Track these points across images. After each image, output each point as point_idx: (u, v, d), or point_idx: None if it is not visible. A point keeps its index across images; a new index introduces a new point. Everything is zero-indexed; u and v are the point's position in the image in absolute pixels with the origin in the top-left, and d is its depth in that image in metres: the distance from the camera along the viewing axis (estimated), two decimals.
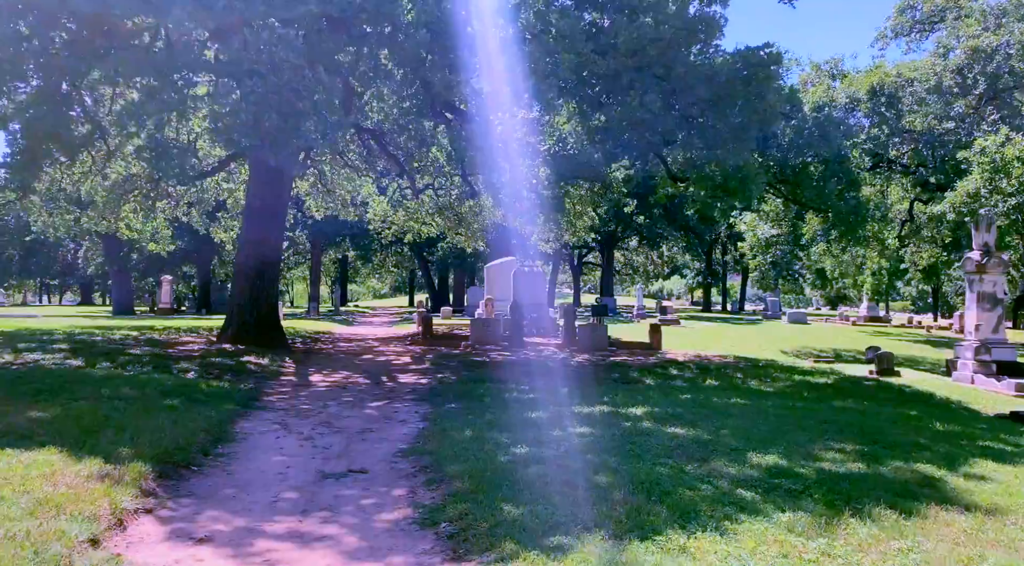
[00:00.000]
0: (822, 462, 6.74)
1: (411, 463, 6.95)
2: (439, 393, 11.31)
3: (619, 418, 8.51)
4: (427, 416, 9.39)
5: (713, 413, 9.04)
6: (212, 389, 10.45)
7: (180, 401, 9.17)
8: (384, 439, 8.14)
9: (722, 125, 11.51)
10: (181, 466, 6.47)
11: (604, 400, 10.09)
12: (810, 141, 14.98)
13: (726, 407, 9.69)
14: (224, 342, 16.54)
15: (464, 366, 14.96)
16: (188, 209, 27.29)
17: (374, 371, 14.36)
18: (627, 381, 13.11)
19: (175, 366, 12.62)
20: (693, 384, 12.89)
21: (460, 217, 27.03)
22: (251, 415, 9.30)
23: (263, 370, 13.37)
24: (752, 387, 12.94)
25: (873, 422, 9.24)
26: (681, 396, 10.82)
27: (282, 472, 6.67)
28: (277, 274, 17.84)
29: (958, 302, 75.99)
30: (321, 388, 12.03)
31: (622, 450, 6.82)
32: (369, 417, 9.48)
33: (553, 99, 10.31)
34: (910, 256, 27.26)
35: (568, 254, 56.93)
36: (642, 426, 7.95)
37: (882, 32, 22.45)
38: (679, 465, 6.36)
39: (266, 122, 9.04)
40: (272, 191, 17.35)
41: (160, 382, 10.45)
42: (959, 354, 16.90)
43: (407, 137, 23.14)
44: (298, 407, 10.07)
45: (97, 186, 24.15)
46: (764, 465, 6.48)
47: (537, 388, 11.53)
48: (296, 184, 26.92)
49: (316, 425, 8.85)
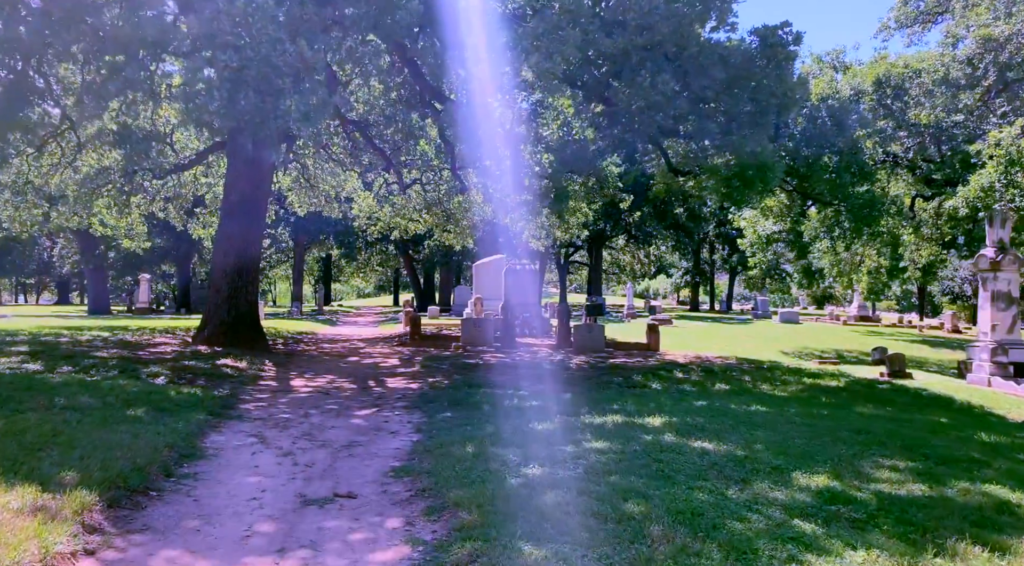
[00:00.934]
0: (877, 483, 5.90)
1: (406, 485, 6.05)
2: (432, 400, 10.41)
3: (636, 429, 7.64)
4: (420, 427, 8.49)
5: (737, 423, 8.19)
6: (182, 396, 9.48)
7: (145, 411, 8.22)
8: (374, 454, 7.23)
9: (738, 109, 10.67)
10: (137, 492, 5.53)
11: (614, 408, 9.23)
12: (823, 130, 14.14)
13: (748, 416, 8.85)
14: (200, 344, 15.54)
15: (456, 369, 14.06)
16: (165, 205, 26.17)
17: (360, 375, 13.43)
18: (632, 385, 12.26)
19: (144, 370, 11.62)
20: (703, 389, 12.06)
21: (449, 213, 26.08)
22: (225, 426, 8.36)
23: (240, 374, 12.40)
24: (765, 392, 12.13)
25: (909, 431, 8.43)
26: (695, 403, 9.97)
27: (257, 497, 5.75)
28: (257, 271, 16.84)
29: (944, 302, 76.03)
30: (303, 394, 11.08)
31: (649, 470, 5.96)
32: (356, 428, 8.56)
33: (556, 80, 9.42)
34: (910, 254, 26.60)
35: (554, 253, 56.04)
36: (664, 440, 7.09)
37: (884, 23, 21.70)
38: (718, 489, 5.50)
39: (242, 101, 8.11)
40: (251, 183, 16.35)
41: (124, 389, 9.47)
42: (973, 356, 16.18)
43: (394, 129, 22.21)
44: (277, 416, 9.13)
45: (68, 179, 23.04)
46: (814, 488, 5.63)
47: (538, 394, 10.66)
48: (278, 178, 25.87)
49: (297, 438, 7.92)
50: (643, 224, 51.78)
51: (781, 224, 21.35)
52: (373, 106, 21.83)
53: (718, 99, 10.73)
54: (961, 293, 69.53)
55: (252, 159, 16.37)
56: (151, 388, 9.92)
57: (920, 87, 18.89)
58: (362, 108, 22.29)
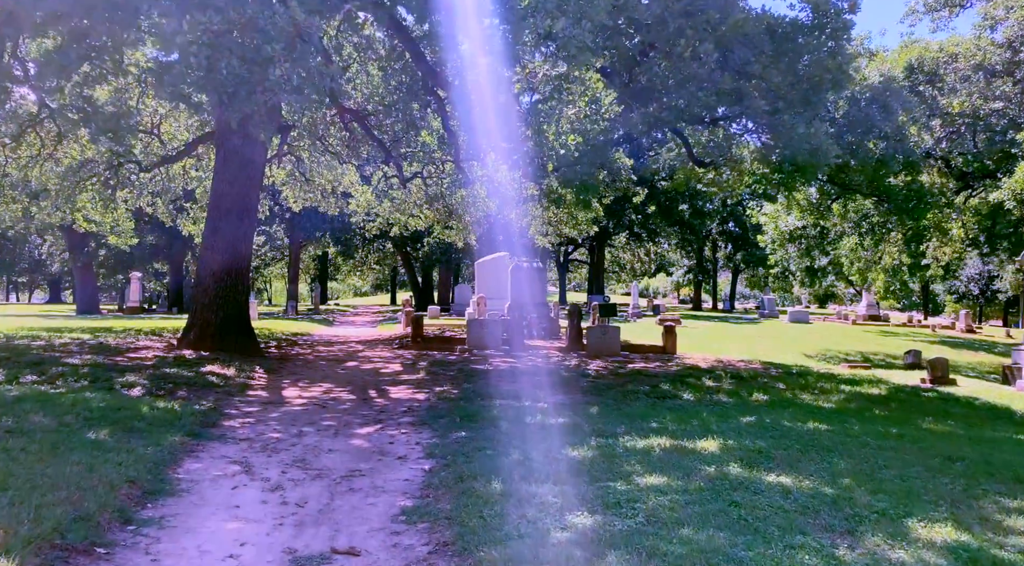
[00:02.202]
0: (1019, 535, 4.71)
1: (421, 536, 4.84)
2: (441, 414, 9.19)
3: (690, 458, 6.44)
4: (432, 450, 7.28)
5: (805, 447, 7.00)
6: (157, 412, 8.26)
7: (109, 432, 7.00)
8: (379, 488, 6.03)
9: (788, 84, 9.47)
10: (78, 551, 4.32)
11: (653, 426, 8.04)
12: (868, 114, 12.93)
13: (812, 437, 7.65)
14: (185, 348, 14.30)
15: (464, 376, 12.84)
16: (152, 200, 24.90)
17: (360, 383, 12.21)
18: (661, 396, 11.05)
19: (119, 380, 10.40)
20: (740, 400, 10.85)
21: (451, 209, 24.84)
22: (204, 449, 7.15)
23: (227, 383, 11.18)
24: (809, 403, 10.93)
25: (1004, 455, 7.24)
26: (741, 419, 8.78)
27: (235, 554, 4.54)
28: (248, 270, 15.60)
29: (948, 301, 74.97)
30: (296, 407, 9.87)
31: (728, 518, 4.75)
32: (357, 451, 7.35)
33: (585, 51, 8.20)
34: (933, 251, 25.41)
35: (553, 251, 54.76)
36: (731, 473, 5.89)
37: (912, 7, 20.53)
38: (824, 547, 4.30)
39: (223, 69, 6.91)
40: (242, 175, 15.10)
41: (89, 404, 8.24)
42: (1020, 361, 15.00)
43: (394, 119, 20.97)
44: (266, 436, 7.92)
45: (49, 172, 21.78)
46: (941, 544, 4.44)
47: (561, 407, 9.46)
48: (272, 172, 24.60)
49: (288, 465, 6.71)
50: (647, 221, 50.56)
51: (805, 220, 20.18)
52: (372, 94, 20.60)
53: (764, 74, 9.53)
54: (967, 292, 68.55)
55: (242, 150, 15.14)
56: (122, 402, 8.69)
57: (955, 73, 17.73)
58: (360, 96, 21.06)
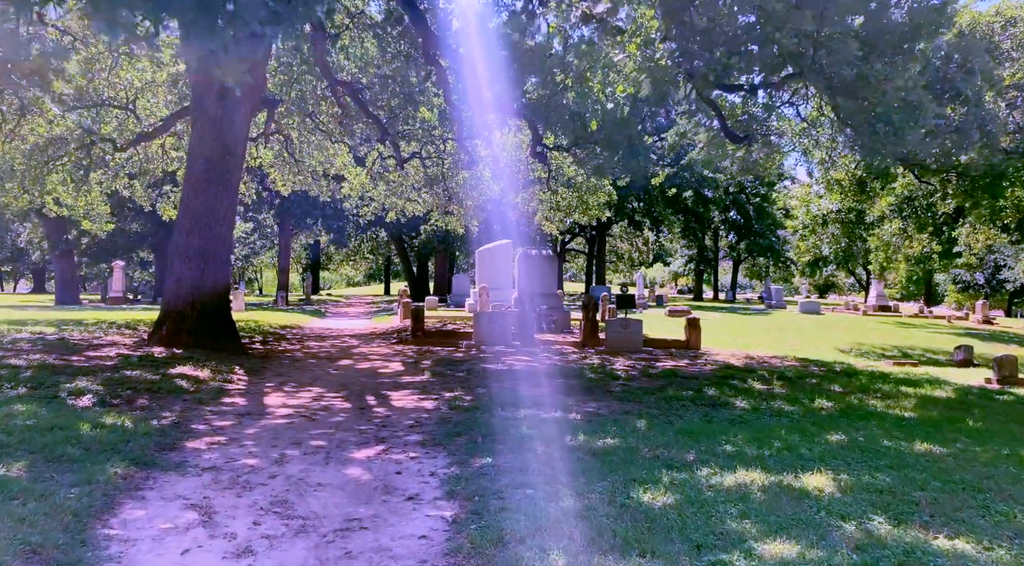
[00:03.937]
0: None
1: None
2: (457, 430, 7.49)
3: (806, 504, 4.77)
4: (453, 486, 5.58)
5: (944, 484, 5.35)
6: (101, 431, 6.55)
7: (27, 464, 5.32)
8: (387, 553, 4.34)
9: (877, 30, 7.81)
10: None
11: (727, 449, 6.39)
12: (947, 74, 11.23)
13: (936, 466, 5.99)
14: (155, 345, 12.57)
15: (477, 378, 11.15)
16: (129, 182, 23.09)
17: (356, 387, 10.50)
18: (710, 403, 9.38)
19: (66, 386, 8.68)
20: (805, 408, 9.19)
21: (452, 192, 23.11)
22: (152, 486, 5.45)
23: (199, 388, 9.48)
24: (886, 412, 9.26)
25: None
26: (828, 437, 7.12)
27: None
28: (228, 255, 13.85)
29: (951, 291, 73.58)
30: (279, 420, 8.16)
31: None
32: (354, 486, 5.66)
33: None
34: (965, 239, 23.84)
35: (551, 240, 53.01)
36: (879, 533, 4.22)
37: None
38: None
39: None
40: (220, 147, 13.32)
41: (13, 421, 6.53)
42: None
43: (391, 93, 19.20)
44: (238, 463, 6.21)
45: (14, 151, 19.97)
46: None
47: (600, 420, 7.79)
48: (259, 153, 22.81)
49: (262, 511, 5.02)
50: (651, 208, 48.87)
51: (842, 203, 18.55)
52: (368, 64, 18.83)
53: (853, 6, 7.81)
54: (972, 282, 67.23)
55: (221, 118, 13.38)
56: (59, 418, 6.97)
57: (1012, 39, 16.09)
58: (354, 67, 19.28)
